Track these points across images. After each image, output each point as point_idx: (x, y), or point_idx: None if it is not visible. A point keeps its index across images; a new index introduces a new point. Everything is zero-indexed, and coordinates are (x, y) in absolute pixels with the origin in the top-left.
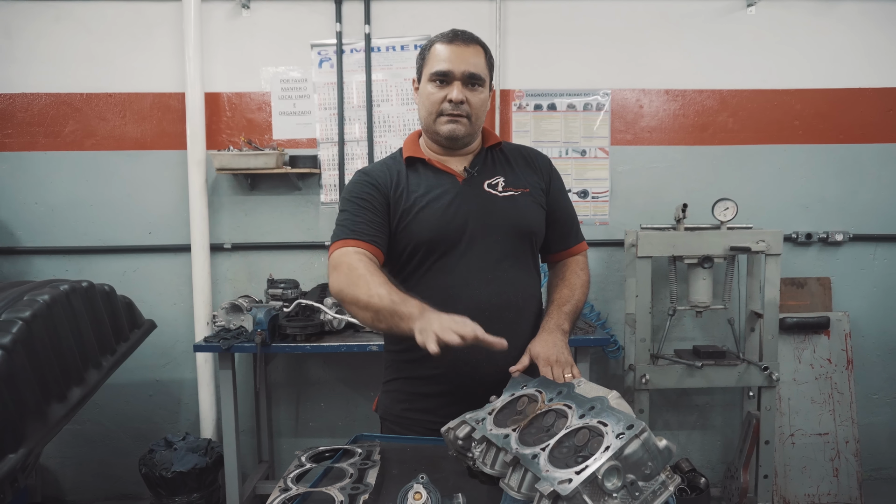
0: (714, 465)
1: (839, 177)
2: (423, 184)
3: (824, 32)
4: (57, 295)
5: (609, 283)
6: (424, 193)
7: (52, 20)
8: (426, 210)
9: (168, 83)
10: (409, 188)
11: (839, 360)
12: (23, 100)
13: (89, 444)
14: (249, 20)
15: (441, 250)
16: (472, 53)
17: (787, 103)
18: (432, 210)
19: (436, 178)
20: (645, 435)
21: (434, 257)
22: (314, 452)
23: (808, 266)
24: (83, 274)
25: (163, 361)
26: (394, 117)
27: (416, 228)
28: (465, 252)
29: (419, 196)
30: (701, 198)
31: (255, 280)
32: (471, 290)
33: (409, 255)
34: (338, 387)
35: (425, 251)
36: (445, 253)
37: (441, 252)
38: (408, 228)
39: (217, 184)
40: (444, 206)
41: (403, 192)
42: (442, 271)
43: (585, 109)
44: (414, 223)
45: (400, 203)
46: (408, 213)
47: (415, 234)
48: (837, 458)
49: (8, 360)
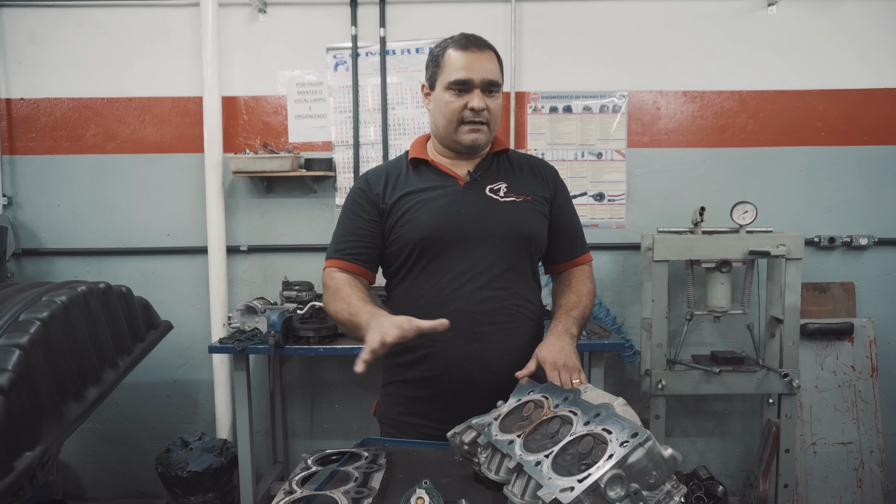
0: (733, 474)
1: (863, 179)
2: (424, 185)
3: (847, 31)
4: (74, 296)
5: (625, 286)
6: (423, 195)
7: (75, 26)
8: (422, 210)
9: (186, 87)
10: (410, 189)
11: (863, 367)
12: (46, 104)
13: (109, 442)
14: (266, 24)
15: (434, 251)
16: (488, 59)
17: (809, 104)
18: (428, 210)
19: (438, 181)
20: (649, 443)
21: (427, 258)
22: (320, 455)
23: (832, 271)
24: (103, 275)
25: (180, 362)
26: (409, 120)
27: (411, 227)
28: (460, 255)
29: (417, 197)
30: (719, 201)
31: (271, 282)
32: (463, 293)
33: (406, 256)
34: (352, 389)
35: (419, 252)
36: (439, 254)
37: (434, 253)
38: (404, 228)
39: (234, 186)
40: (440, 207)
41: (404, 193)
42: (435, 273)
43: (602, 111)
44: (410, 223)
45: (400, 204)
46: (406, 212)
47: (408, 234)
48: (861, 469)
49: (25, 360)
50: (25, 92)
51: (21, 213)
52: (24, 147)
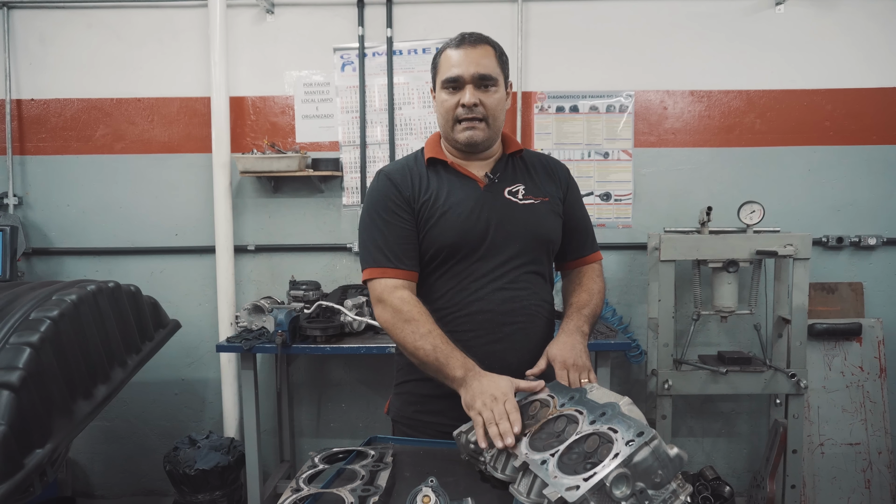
0: (740, 474)
1: (872, 179)
2: (445, 187)
3: (856, 30)
4: (84, 295)
5: (632, 286)
6: (447, 197)
7: (84, 27)
8: (449, 215)
9: (194, 88)
10: (433, 191)
11: (872, 367)
12: (56, 105)
13: (117, 440)
14: (273, 25)
15: (461, 254)
16: (481, 54)
17: (817, 103)
18: (455, 215)
19: (458, 182)
20: (655, 442)
21: (454, 261)
22: (327, 454)
23: (840, 271)
24: (112, 274)
25: (188, 361)
26: (415, 120)
27: (438, 232)
28: (483, 257)
29: (442, 200)
30: (726, 200)
31: (278, 281)
32: (486, 294)
33: (431, 258)
34: (359, 388)
35: (446, 255)
36: (465, 257)
37: (461, 256)
38: (431, 232)
39: (241, 186)
40: (466, 211)
41: (428, 195)
42: (460, 275)
43: (608, 111)
44: (437, 227)
45: (425, 207)
46: (432, 216)
47: (437, 239)
48: (869, 470)
49: (36, 358)
50: (35, 93)
51: (31, 213)
52: (34, 147)
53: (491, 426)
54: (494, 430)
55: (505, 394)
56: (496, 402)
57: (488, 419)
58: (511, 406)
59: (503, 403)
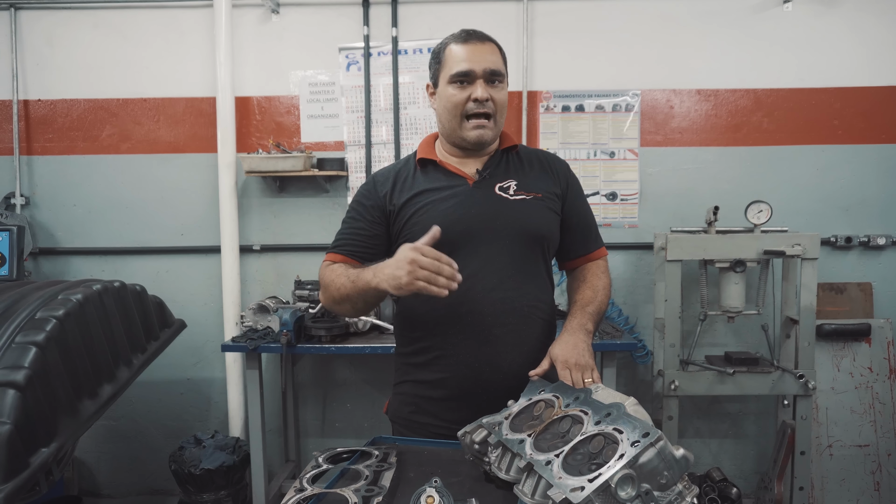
0: (747, 475)
1: (881, 178)
2: (432, 186)
3: (864, 29)
4: (90, 294)
5: (638, 286)
6: (431, 196)
7: (91, 27)
8: (429, 211)
9: (200, 88)
10: (417, 190)
11: (881, 368)
12: (63, 105)
13: (123, 439)
14: (279, 25)
15: (443, 252)
16: (489, 51)
17: (825, 102)
18: (436, 211)
19: (446, 181)
20: (661, 443)
21: None
22: (332, 454)
23: (848, 271)
24: (118, 274)
25: (193, 360)
26: (420, 119)
27: (419, 231)
28: (469, 256)
29: (425, 198)
30: (733, 200)
31: (284, 281)
32: (473, 295)
33: None
34: (363, 388)
35: None
36: (448, 255)
37: (444, 253)
38: (412, 230)
39: (246, 186)
40: (448, 207)
41: (411, 193)
42: None
43: (614, 110)
44: (417, 225)
45: (408, 206)
46: (412, 215)
47: (416, 236)
48: (879, 472)
49: (42, 357)
50: (42, 93)
51: (38, 213)
52: (41, 147)
53: (436, 281)
54: (443, 282)
55: (414, 250)
56: (415, 263)
57: (426, 278)
58: (429, 252)
59: (421, 255)
